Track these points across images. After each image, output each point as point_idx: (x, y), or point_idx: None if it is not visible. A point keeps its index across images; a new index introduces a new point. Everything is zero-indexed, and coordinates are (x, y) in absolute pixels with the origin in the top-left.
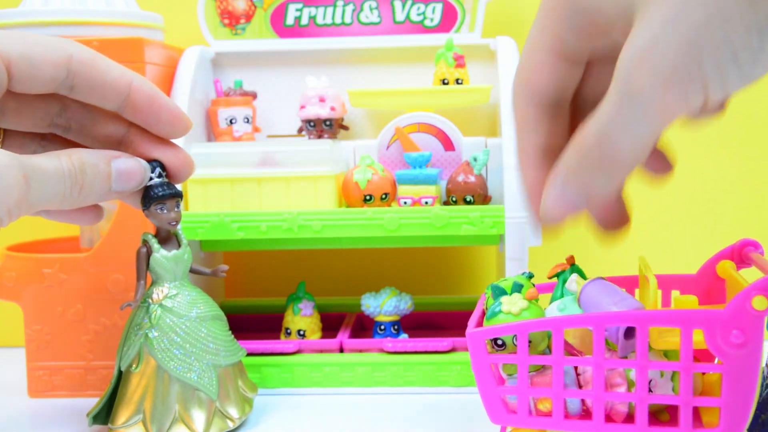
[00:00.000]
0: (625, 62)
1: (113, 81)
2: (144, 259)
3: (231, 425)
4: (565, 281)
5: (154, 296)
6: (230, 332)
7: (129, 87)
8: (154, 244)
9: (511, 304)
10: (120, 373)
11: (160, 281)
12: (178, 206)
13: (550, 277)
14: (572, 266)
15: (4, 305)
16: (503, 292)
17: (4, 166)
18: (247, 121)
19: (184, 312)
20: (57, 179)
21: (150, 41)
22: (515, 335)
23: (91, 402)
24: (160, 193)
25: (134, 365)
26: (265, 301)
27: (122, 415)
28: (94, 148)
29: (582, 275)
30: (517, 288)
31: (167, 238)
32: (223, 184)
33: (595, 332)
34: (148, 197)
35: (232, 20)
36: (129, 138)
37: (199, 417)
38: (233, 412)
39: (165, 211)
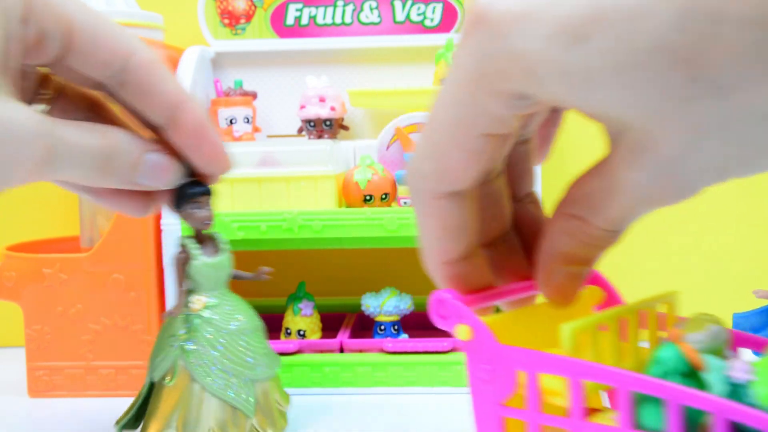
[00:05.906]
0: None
1: (166, 94)
2: (182, 265)
3: None
4: None
5: (193, 305)
6: (268, 343)
7: (178, 107)
8: (194, 249)
9: None
10: (151, 383)
11: (199, 289)
12: (210, 204)
13: None
14: None
15: (4, 305)
16: None
17: (35, 135)
18: (247, 121)
19: (223, 324)
20: (81, 157)
21: (150, 41)
22: None
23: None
24: (198, 191)
25: (168, 378)
26: (265, 301)
27: (153, 429)
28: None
29: None
30: None
31: (205, 242)
32: (223, 184)
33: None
34: (182, 196)
35: (232, 20)
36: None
37: None
38: (269, 428)
39: (199, 210)
